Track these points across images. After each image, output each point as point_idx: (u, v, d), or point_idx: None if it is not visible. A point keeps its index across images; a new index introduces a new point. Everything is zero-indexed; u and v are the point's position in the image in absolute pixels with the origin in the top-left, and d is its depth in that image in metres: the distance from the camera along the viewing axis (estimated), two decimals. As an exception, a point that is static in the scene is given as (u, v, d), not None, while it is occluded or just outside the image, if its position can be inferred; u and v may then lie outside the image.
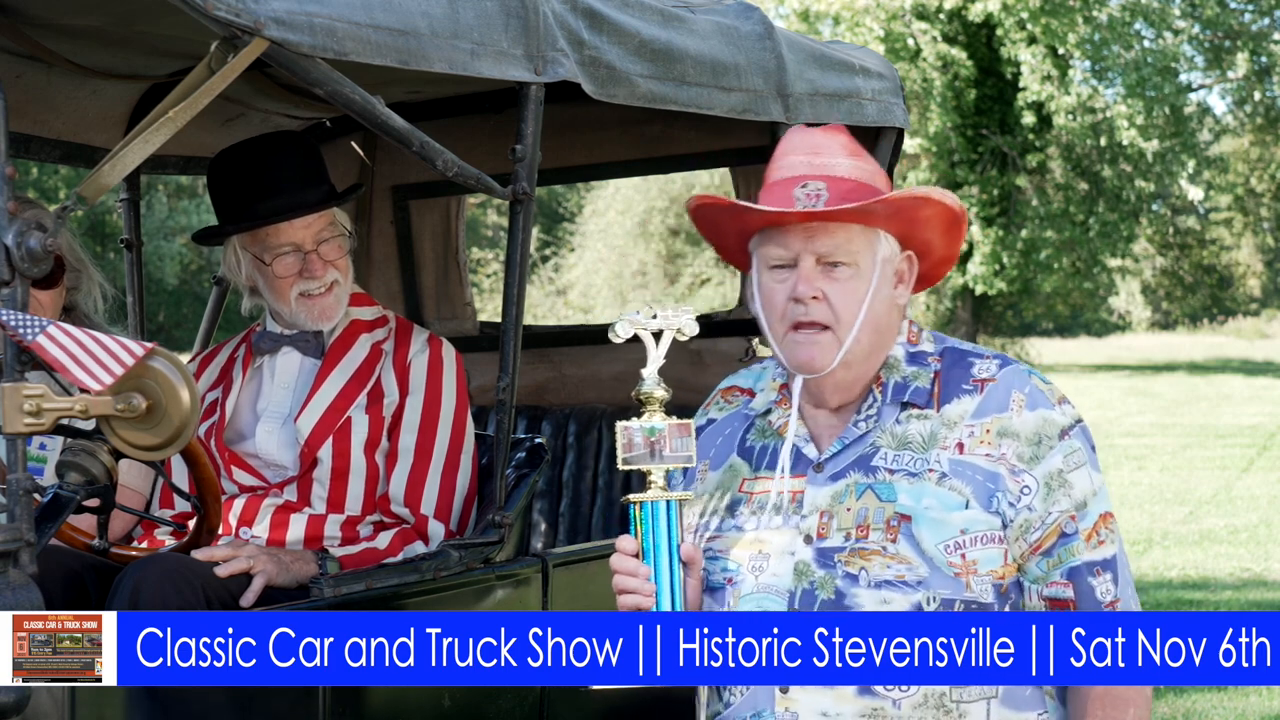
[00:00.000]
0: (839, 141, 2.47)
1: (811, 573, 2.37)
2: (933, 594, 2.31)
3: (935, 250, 2.53)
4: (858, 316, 2.40)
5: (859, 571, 2.34)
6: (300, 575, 3.08)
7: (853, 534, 2.37)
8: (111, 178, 2.43)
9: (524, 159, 3.13)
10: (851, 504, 2.39)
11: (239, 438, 3.39)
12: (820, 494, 2.42)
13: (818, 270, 2.41)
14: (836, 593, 2.34)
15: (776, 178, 2.46)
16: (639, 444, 2.34)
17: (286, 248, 3.34)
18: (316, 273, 3.35)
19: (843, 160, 2.44)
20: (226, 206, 3.39)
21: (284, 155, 3.38)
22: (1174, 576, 8.76)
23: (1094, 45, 26.74)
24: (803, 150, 2.45)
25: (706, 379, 4.47)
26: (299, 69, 2.61)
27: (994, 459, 2.38)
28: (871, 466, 2.42)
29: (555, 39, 3.13)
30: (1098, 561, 2.37)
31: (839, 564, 2.36)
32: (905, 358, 2.48)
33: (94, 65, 3.74)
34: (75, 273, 3.51)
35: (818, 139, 2.46)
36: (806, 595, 2.36)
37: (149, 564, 2.85)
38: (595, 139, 4.61)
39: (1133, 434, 17.16)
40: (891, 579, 2.33)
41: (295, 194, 3.33)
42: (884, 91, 4.22)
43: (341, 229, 3.42)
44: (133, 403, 2.41)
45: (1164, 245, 36.81)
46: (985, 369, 2.46)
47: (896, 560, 2.33)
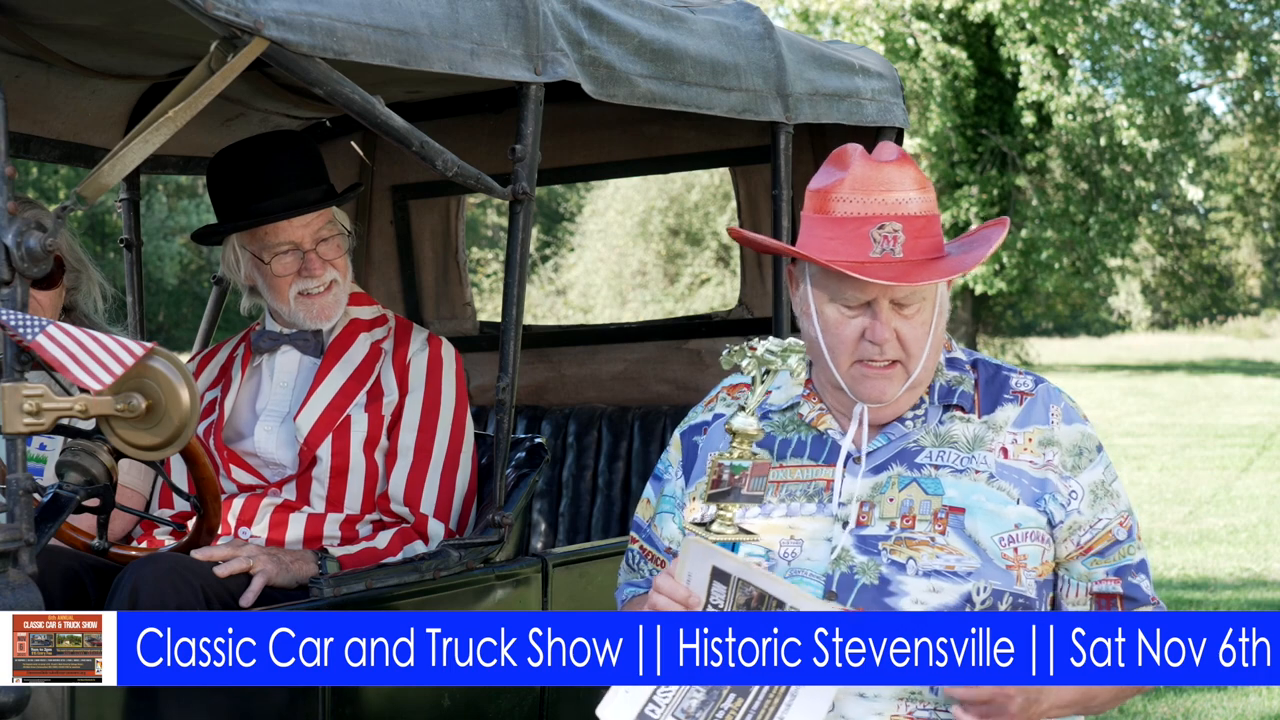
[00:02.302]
0: (910, 176, 2.39)
1: (851, 558, 2.40)
2: (984, 584, 2.37)
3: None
4: (925, 347, 2.44)
5: (906, 560, 2.38)
6: (300, 575, 3.08)
7: (897, 523, 2.41)
8: (111, 178, 2.43)
9: (524, 159, 3.13)
10: (895, 495, 2.43)
11: (238, 436, 3.39)
12: (860, 484, 2.45)
13: (891, 311, 2.41)
14: (881, 579, 2.37)
15: (845, 212, 2.38)
16: (725, 480, 2.35)
17: (285, 246, 3.34)
18: (315, 271, 3.35)
19: (914, 195, 2.38)
20: (226, 205, 3.39)
21: (283, 154, 3.38)
22: (1174, 576, 8.76)
23: (1094, 45, 26.73)
24: (874, 187, 2.37)
25: (706, 379, 4.48)
26: (299, 69, 2.61)
27: (1039, 465, 2.46)
28: (916, 463, 2.46)
29: (555, 39, 3.13)
30: (1138, 563, 2.50)
31: (883, 551, 2.39)
32: (945, 363, 2.54)
33: (93, 65, 3.74)
34: (75, 273, 3.51)
35: (887, 174, 2.38)
36: (845, 579, 2.38)
37: (148, 564, 2.85)
38: (595, 139, 4.61)
39: (1132, 434, 17.16)
40: (941, 569, 2.37)
41: (294, 193, 3.33)
42: (884, 91, 4.22)
43: (340, 228, 3.42)
44: (132, 403, 2.41)
45: (1164, 245, 36.80)
46: (1023, 383, 2.55)
47: (946, 551, 2.38)
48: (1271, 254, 44.54)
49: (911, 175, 2.39)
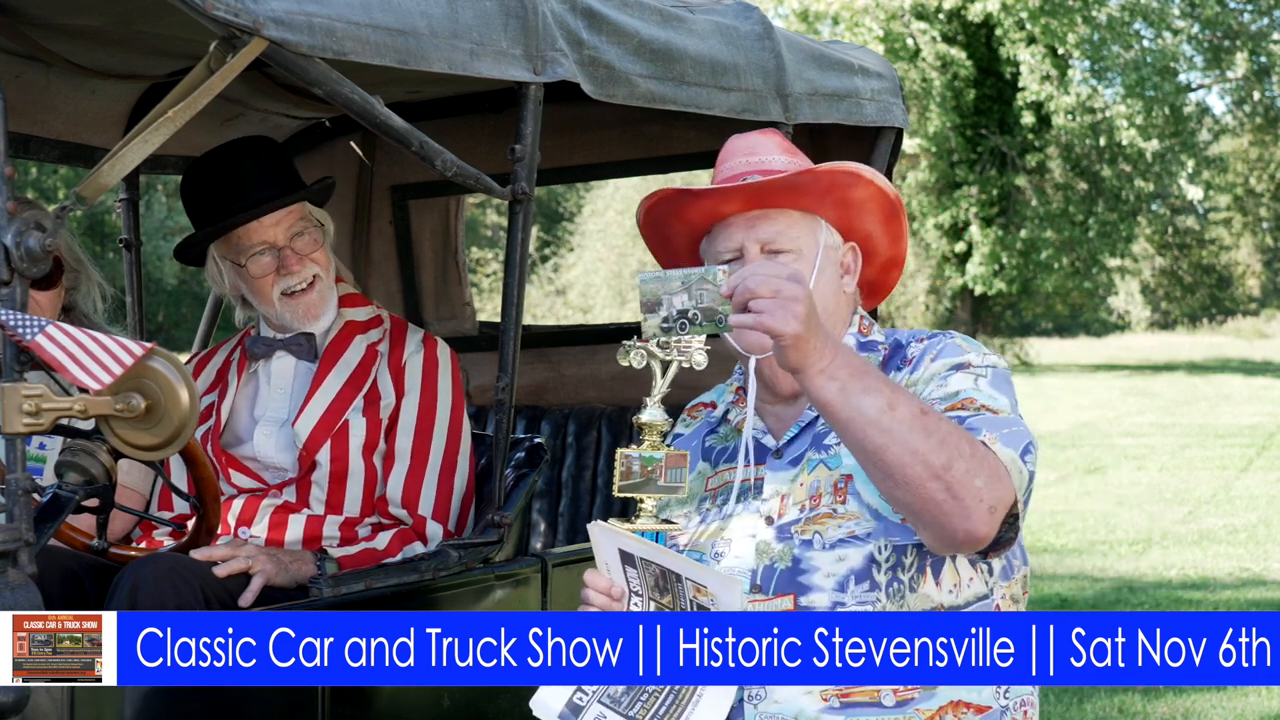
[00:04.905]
0: (774, 141, 2.63)
1: (771, 549, 2.44)
2: (884, 542, 2.38)
3: (879, 246, 2.65)
4: None
5: (813, 536, 2.41)
6: (299, 575, 3.08)
7: (806, 505, 2.45)
8: (110, 178, 2.43)
9: (523, 159, 3.13)
10: (804, 479, 2.47)
11: (237, 441, 3.39)
12: (779, 477, 2.50)
13: (762, 258, 2.51)
14: (793, 560, 2.40)
15: (719, 179, 2.60)
16: (636, 472, 2.35)
17: (260, 247, 3.34)
18: (293, 268, 3.35)
19: (778, 156, 2.59)
20: (198, 217, 3.40)
21: (246, 157, 3.37)
22: (1173, 576, 8.76)
23: (1093, 45, 26.76)
24: (740, 152, 2.62)
25: (706, 380, 4.47)
26: (298, 69, 2.61)
27: None
28: (824, 444, 2.49)
29: (554, 39, 3.13)
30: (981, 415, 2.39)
31: (795, 535, 2.43)
32: (856, 346, 2.56)
33: (93, 65, 3.74)
34: (74, 273, 3.51)
35: (753, 140, 2.63)
36: (767, 571, 2.42)
37: (147, 564, 2.85)
38: (595, 139, 4.61)
39: (1132, 434, 17.16)
40: (844, 536, 2.39)
41: (259, 192, 3.33)
42: (883, 91, 4.22)
43: (315, 221, 3.41)
44: (132, 403, 2.41)
45: (1163, 245, 36.83)
46: (916, 348, 2.54)
47: (847, 519, 2.40)
48: (1271, 254, 44.56)
49: (775, 141, 2.63)
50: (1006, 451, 2.31)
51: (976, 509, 2.24)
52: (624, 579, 2.40)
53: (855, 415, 2.25)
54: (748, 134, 2.66)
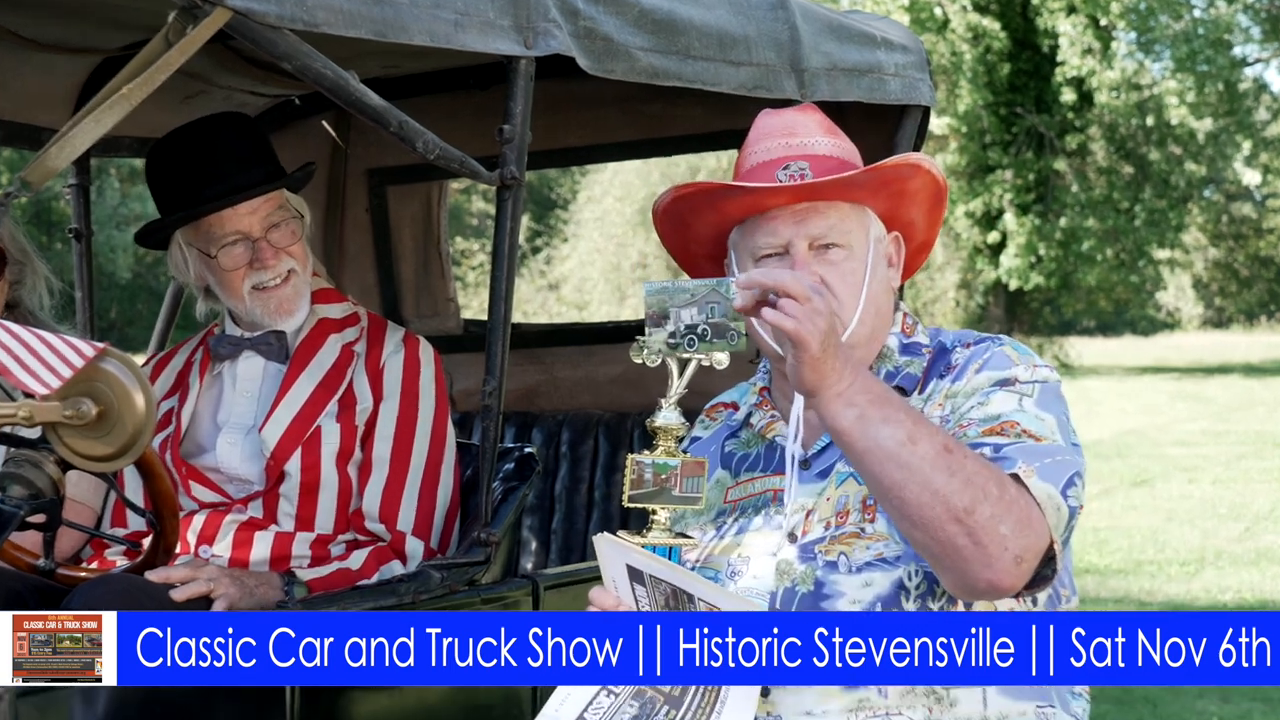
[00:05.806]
0: (814, 120, 2.58)
1: (793, 570, 2.44)
2: (915, 568, 2.38)
3: (918, 232, 2.65)
4: (859, 299, 2.49)
5: (838, 558, 2.41)
6: (264, 600, 3.09)
7: (832, 522, 2.45)
8: (59, 161, 2.44)
9: (512, 140, 3.13)
10: (831, 493, 2.47)
11: (198, 450, 3.39)
12: (805, 490, 2.49)
13: (811, 255, 2.49)
14: (816, 584, 2.41)
15: (754, 163, 2.54)
16: (649, 480, 2.34)
17: (233, 237, 3.33)
18: (268, 262, 3.34)
19: (821, 139, 2.55)
20: (165, 200, 3.39)
21: (222, 137, 3.37)
22: (1229, 600, 8.77)
23: (1139, 15, 26.77)
24: (778, 133, 2.55)
25: (713, 383, 4.48)
26: (265, 41, 2.61)
27: (942, 419, 2.44)
28: None
29: (547, 8, 3.13)
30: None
31: (819, 555, 2.42)
32: (899, 348, 2.57)
33: (40, 38, 3.74)
34: (18, 265, 3.51)
35: (791, 118, 2.57)
36: (787, 594, 2.43)
37: (99, 586, 2.86)
38: (591, 118, 4.62)
39: (1183, 443, 17.17)
40: (872, 559, 2.39)
41: (235, 177, 3.32)
42: (908, 66, 4.23)
43: (293, 211, 3.41)
44: (82, 408, 2.41)
45: (1217, 235, 36.82)
46: (962, 354, 2.53)
47: (875, 539, 2.40)
48: (1335, 245, 44.54)
49: (816, 120, 2.57)
50: (1044, 487, 2.30)
51: (1001, 558, 2.25)
52: (632, 597, 2.41)
53: (872, 447, 2.25)
54: (782, 111, 2.61)
